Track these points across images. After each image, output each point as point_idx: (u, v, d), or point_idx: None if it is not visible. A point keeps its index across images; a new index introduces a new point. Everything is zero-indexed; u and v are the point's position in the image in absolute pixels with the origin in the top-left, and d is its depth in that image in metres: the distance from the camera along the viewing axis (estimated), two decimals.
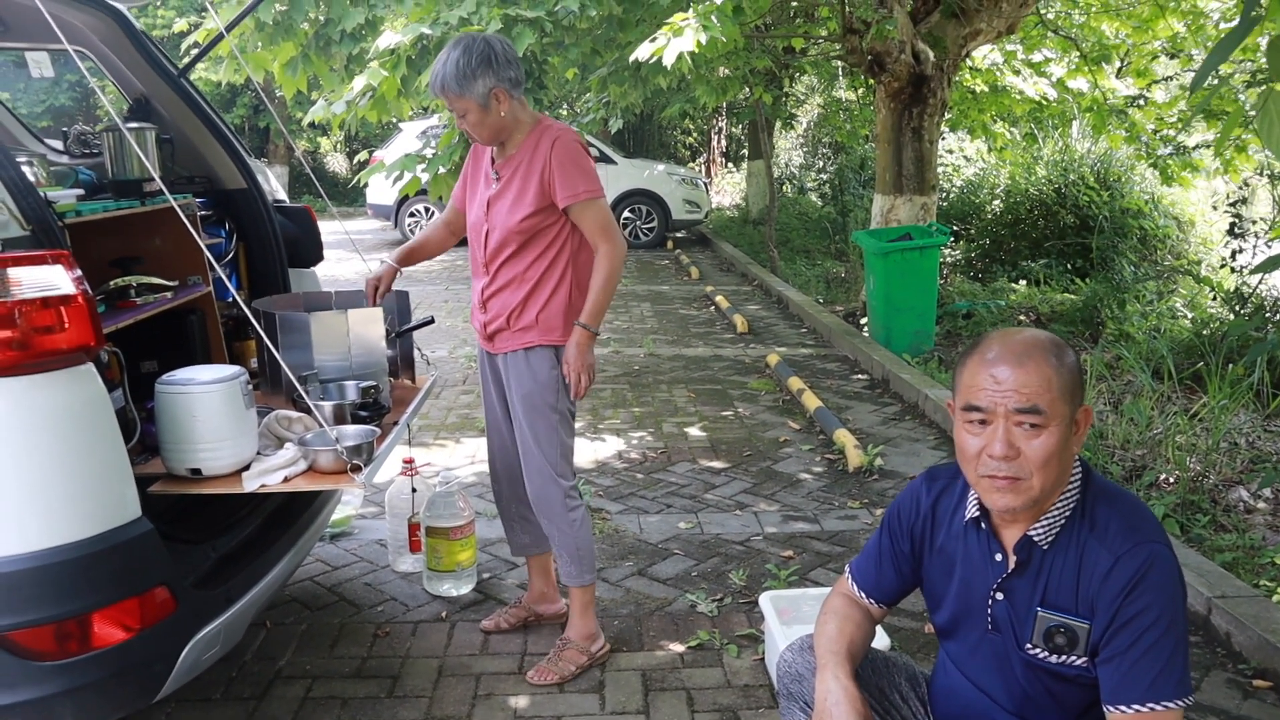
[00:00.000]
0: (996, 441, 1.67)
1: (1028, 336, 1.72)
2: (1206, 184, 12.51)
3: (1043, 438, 1.66)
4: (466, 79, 2.76)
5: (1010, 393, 1.66)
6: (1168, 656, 1.62)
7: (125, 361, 2.56)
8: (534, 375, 2.96)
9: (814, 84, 17.96)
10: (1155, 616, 1.63)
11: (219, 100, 19.99)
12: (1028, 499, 1.69)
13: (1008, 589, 1.78)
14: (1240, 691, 2.98)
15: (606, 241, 2.90)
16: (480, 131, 2.86)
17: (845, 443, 5.12)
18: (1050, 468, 1.67)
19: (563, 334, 2.95)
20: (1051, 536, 1.74)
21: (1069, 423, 1.68)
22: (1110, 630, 1.66)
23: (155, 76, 3.21)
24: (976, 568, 1.83)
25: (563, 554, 3.09)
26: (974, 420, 1.71)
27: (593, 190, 2.87)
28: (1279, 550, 3.79)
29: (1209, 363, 5.50)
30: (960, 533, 1.87)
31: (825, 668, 1.85)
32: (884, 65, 7.69)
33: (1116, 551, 1.67)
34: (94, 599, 2.07)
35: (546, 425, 2.98)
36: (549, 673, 3.02)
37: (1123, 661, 1.64)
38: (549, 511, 3.06)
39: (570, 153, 2.85)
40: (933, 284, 7.49)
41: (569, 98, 14.17)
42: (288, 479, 2.41)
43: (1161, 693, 1.62)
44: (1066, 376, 1.68)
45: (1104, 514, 1.72)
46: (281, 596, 3.55)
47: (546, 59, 6.13)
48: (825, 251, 13.36)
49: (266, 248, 3.42)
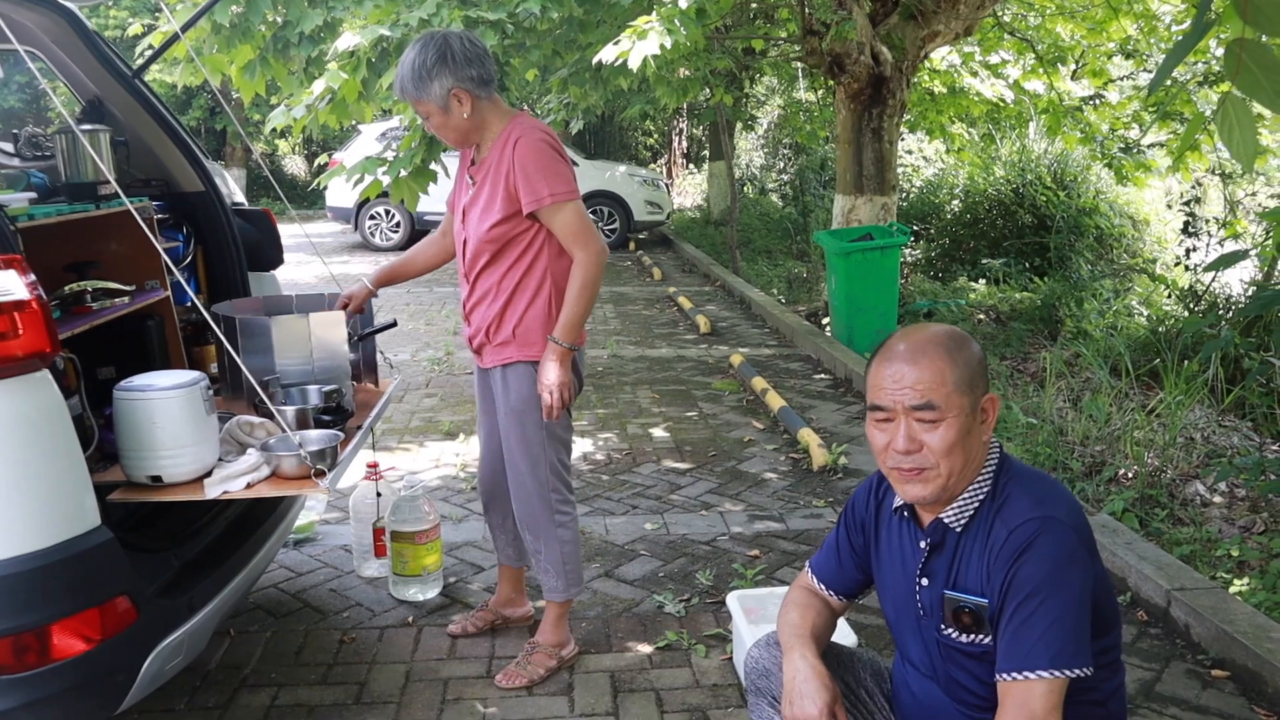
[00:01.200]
0: (899, 437, 1.75)
1: (926, 334, 1.78)
2: (1161, 183, 12.72)
3: (941, 430, 1.72)
4: (423, 81, 2.66)
5: (906, 390, 1.73)
6: (1045, 626, 1.65)
7: (82, 368, 2.52)
8: (515, 392, 2.88)
9: (775, 85, 18.04)
10: (1034, 586, 1.67)
11: (174, 102, 19.73)
12: (937, 487, 1.75)
13: (930, 574, 1.84)
14: (1199, 681, 3.03)
15: (581, 248, 2.76)
16: (445, 135, 2.77)
17: (809, 442, 5.14)
18: (954, 455, 1.73)
19: (542, 348, 2.84)
20: (964, 519, 1.79)
21: (970, 413, 1.74)
22: (1002, 601, 1.71)
23: (109, 78, 3.16)
24: (905, 556, 1.90)
25: (548, 569, 3.04)
26: (879, 419, 1.78)
27: (558, 193, 2.71)
28: (1235, 543, 3.85)
29: (1165, 359, 5.58)
30: (893, 522, 1.94)
31: (791, 649, 1.89)
32: (843, 66, 7.74)
33: (1012, 525, 1.72)
34: (53, 610, 2.03)
35: (529, 442, 2.91)
36: (518, 676, 3.00)
37: (1005, 631, 1.69)
38: (534, 527, 3.01)
39: (533, 152, 2.70)
40: (894, 283, 7.55)
41: (530, 99, 14.13)
42: (250, 485, 2.38)
43: (1035, 661, 1.64)
44: (963, 369, 1.73)
45: (1014, 495, 1.77)
46: (246, 604, 3.50)
47: (508, 60, 6.10)
48: (787, 252, 13.42)
49: (225, 251, 3.37)
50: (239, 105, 17.13)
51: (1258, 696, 2.93)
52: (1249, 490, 4.36)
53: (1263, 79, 1.66)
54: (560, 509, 3.01)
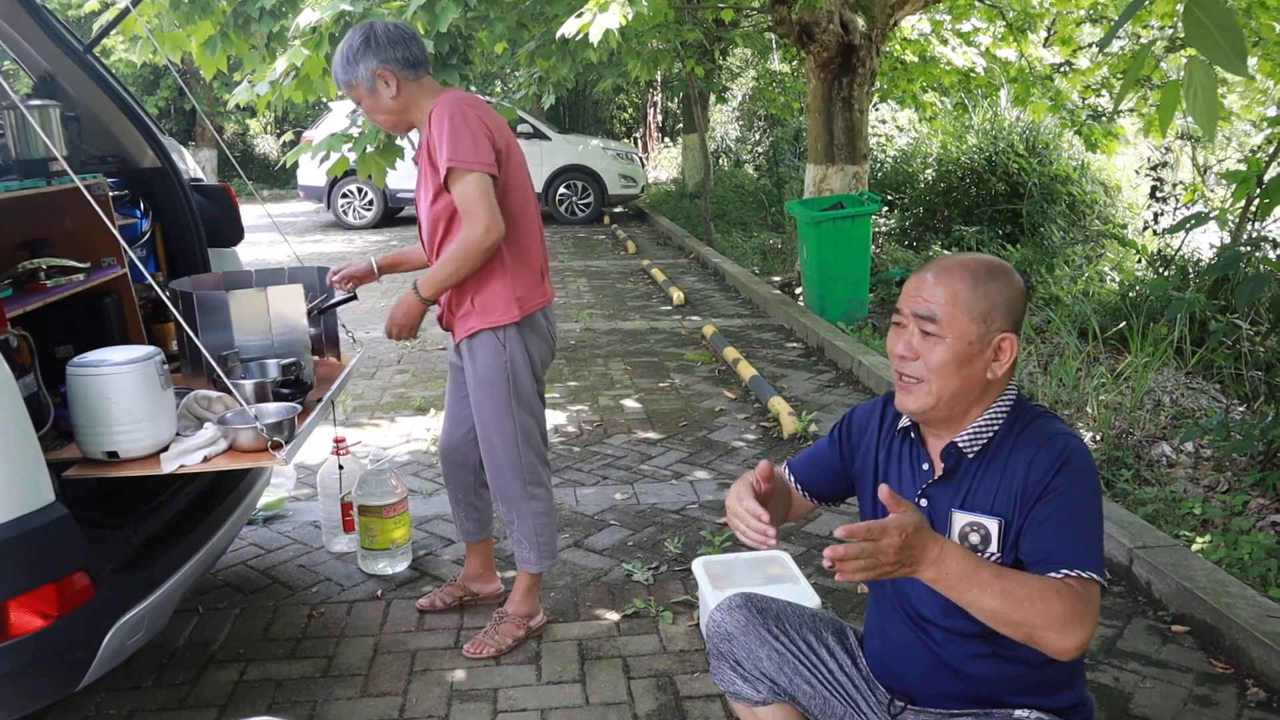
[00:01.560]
0: (899, 342, 1.80)
1: (966, 257, 1.81)
2: (1134, 150, 12.77)
3: (940, 347, 1.75)
4: (350, 64, 2.72)
5: (919, 298, 1.77)
6: (1089, 535, 1.69)
7: (39, 347, 2.50)
8: (481, 361, 2.90)
9: (748, 57, 17.99)
10: (1078, 495, 1.70)
11: (142, 83, 19.50)
12: (925, 404, 1.78)
13: (930, 495, 1.86)
14: (1160, 637, 3.07)
15: (468, 223, 2.69)
16: (377, 117, 2.81)
17: (780, 410, 5.17)
18: (945, 376, 1.75)
19: (504, 312, 2.85)
20: (978, 445, 1.81)
21: (975, 341, 1.75)
22: (1035, 507, 1.72)
23: (60, 53, 3.11)
24: (904, 476, 1.92)
25: (521, 540, 3.06)
26: (895, 321, 1.83)
27: (458, 160, 2.64)
28: (1198, 501, 3.90)
29: (1132, 323, 5.63)
30: (895, 443, 1.95)
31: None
32: (813, 35, 7.72)
33: (1038, 443, 1.75)
34: (8, 586, 2.03)
35: (500, 413, 2.93)
36: (485, 646, 3.01)
37: (1046, 530, 1.70)
38: (507, 498, 3.02)
39: (442, 120, 2.68)
40: (865, 252, 7.56)
41: (501, 73, 14.04)
42: (208, 459, 2.37)
43: (1090, 563, 1.66)
44: (982, 298, 1.75)
45: (1031, 427, 1.80)
46: (214, 581, 3.50)
47: (472, 34, 6.06)
48: (761, 223, 13.43)
49: (184, 227, 3.34)
50: (208, 85, 16.95)
51: (1215, 650, 2.97)
52: (1214, 450, 4.41)
53: (1220, 39, 1.66)
54: (532, 480, 3.02)
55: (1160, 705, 2.73)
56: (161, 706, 2.77)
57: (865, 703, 2.00)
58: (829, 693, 2.00)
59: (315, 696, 2.82)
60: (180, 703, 2.79)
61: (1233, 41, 1.64)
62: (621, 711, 2.74)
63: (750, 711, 2.05)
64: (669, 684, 2.86)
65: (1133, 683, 2.83)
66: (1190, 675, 2.87)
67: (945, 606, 1.85)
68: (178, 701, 2.79)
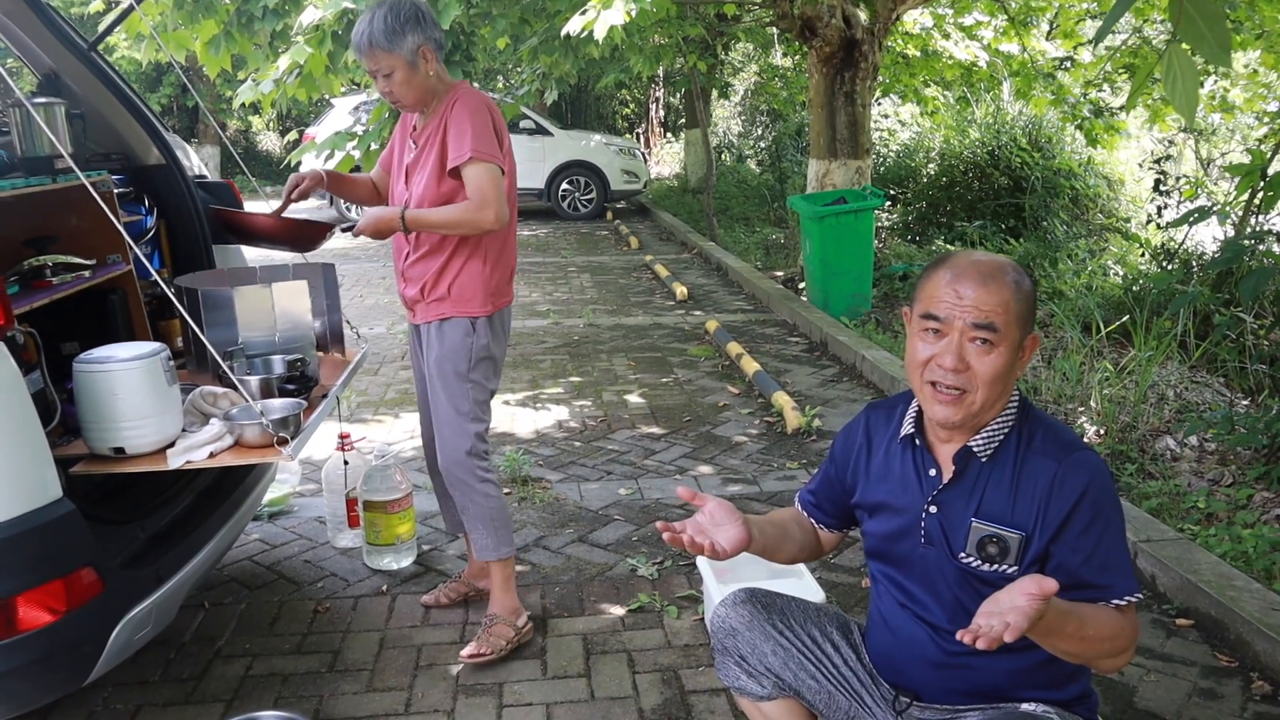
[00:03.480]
0: (948, 354, 1.74)
1: (994, 259, 1.78)
2: (1137, 144, 12.74)
3: (993, 356, 1.72)
4: (396, 34, 2.70)
5: (970, 308, 1.72)
6: (1127, 558, 1.73)
7: (45, 343, 2.51)
8: (445, 342, 2.93)
9: (750, 52, 17.97)
10: (1112, 521, 1.73)
11: (144, 80, 19.49)
12: (968, 413, 1.76)
13: (941, 501, 1.84)
14: (1164, 630, 3.08)
15: (479, 208, 2.75)
16: (406, 92, 2.80)
17: (783, 405, 5.17)
18: (995, 386, 1.74)
19: (480, 305, 2.92)
20: (991, 449, 1.80)
21: (1017, 347, 1.75)
22: (1064, 532, 1.72)
23: (64, 51, 3.12)
24: (910, 484, 1.89)
25: (477, 526, 3.04)
26: (929, 329, 1.77)
27: (481, 151, 2.75)
28: (1202, 494, 3.90)
29: (1136, 317, 5.62)
30: (896, 452, 1.93)
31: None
32: (815, 30, 7.71)
33: (1059, 458, 1.75)
34: (16, 582, 2.04)
35: (455, 393, 2.95)
36: (481, 650, 2.95)
37: (1092, 564, 1.71)
38: (459, 483, 3.01)
39: (466, 111, 2.78)
40: (868, 247, 7.55)
41: (504, 70, 14.03)
42: (213, 455, 2.38)
43: (1134, 587, 1.72)
44: (1023, 302, 1.75)
45: (1041, 432, 1.80)
46: (220, 576, 3.51)
47: (475, 30, 6.06)
48: (764, 218, 13.41)
49: (189, 224, 3.35)
50: (210, 82, 16.93)
51: (1220, 643, 2.98)
52: (1218, 444, 4.41)
53: (1205, 30, 1.66)
54: (481, 464, 3.02)
55: (1165, 698, 2.74)
56: (168, 701, 2.78)
57: (870, 697, 2.00)
58: (834, 687, 2.00)
59: (321, 691, 2.83)
60: (187, 697, 2.80)
61: (1217, 33, 1.64)
62: (626, 706, 2.74)
63: (755, 707, 2.05)
64: (674, 678, 2.87)
65: (1137, 676, 2.84)
66: (1195, 669, 2.87)
67: (952, 616, 1.85)
68: (184, 696, 2.80)
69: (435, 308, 2.93)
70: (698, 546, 1.75)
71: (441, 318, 2.93)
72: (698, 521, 1.80)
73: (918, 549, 1.88)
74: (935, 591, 1.88)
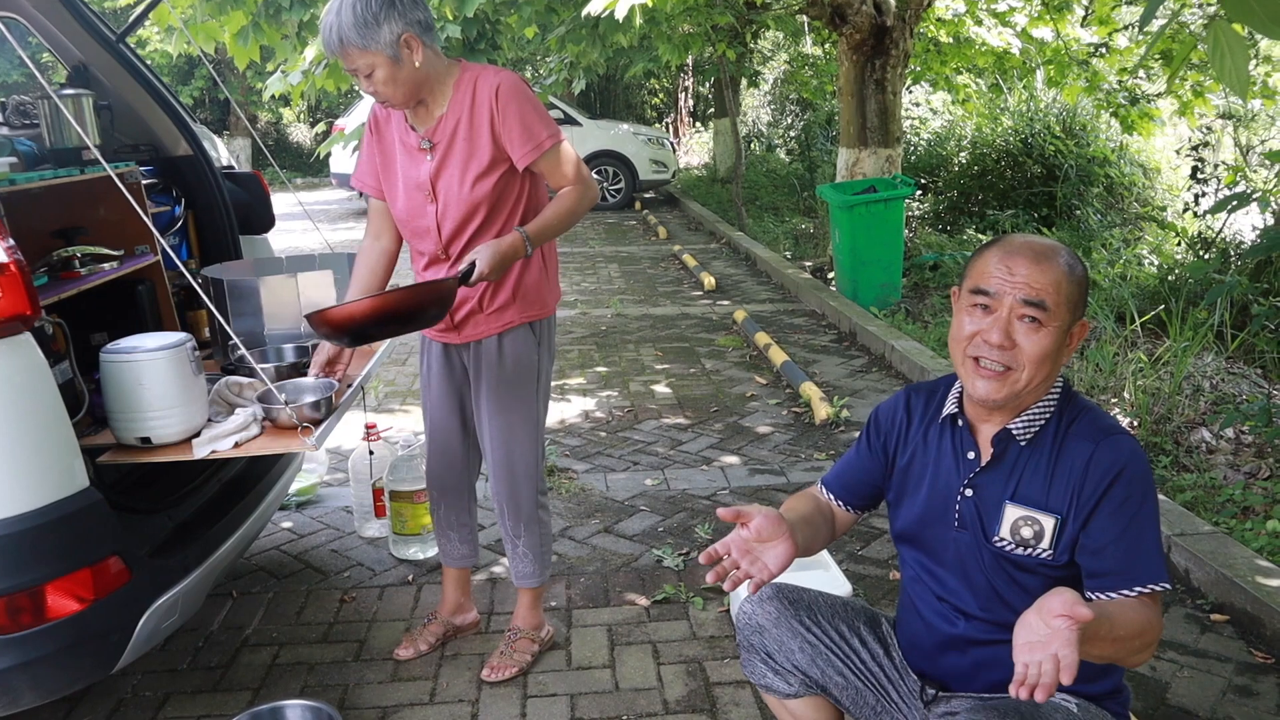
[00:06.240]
0: (995, 329, 1.72)
1: (1048, 241, 1.77)
2: (1174, 130, 12.55)
3: (1040, 335, 1.71)
4: (369, 26, 2.30)
5: (1022, 285, 1.71)
6: (1157, 545, 1.69)
7: (74, 334, 2.52)
8: (512, 359, 2.66)
9: (780, 40, 17.86)
10: (1144, 505, 1.69)
11: (176, 73, 19.65)
12: (1011, 392, 1.74)
13: (976, 484, 1.82)
14: (1199, 625, 3.03)
15: (582, 183, 2.55)
16: (393, 91, 2.41)
17: (811, 395, 5.13)
18: (1041, 366, 1.72)
19: (545, 304, 2.68)
20: (1031, 433, 1.78)
21: (1065, 330, 1.73)
22: (1095, 513, 1.70)
23: (92, 43, 3.13)
24: (947, 466, 1.87)
25: (526, 556, 2.85)
26: (978, 304, 1.75)
27: (555, 134, 2.50)
28: (1238, 487, 3.83)
29: (1170, 307, 5.54)
30: (935, 432, 1.91)
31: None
32: (845, 17, 7.65)
33: (1095, 439, 1.73)
34: (45, 570, 2.05)
35: (524, 416, 2.71)
36: (507, 668, 2.85)
37: (1119, 548, 1.68)
38: (519, 511, 2.80)
39: (521, 97, 2.47)
40: (898, 236, 7.49)
41: (531, 59, 14.02)
42: (239, 444, 2.38)
43: (1161, 575, 1.68)
44: (1075, 286, 1.73)
45: (1082, 418, 1.78)
46: (248, 565, 3.53)
47: (501, 19, 6.04)
48: (793, 208, 13.35)
49: (216, 215, 3.37)
50: (242, 75, 17.05)
51: (1256, 640, 2.93)
52: (1255, 436, 4.34)
53: (1254, 3, 1.61)
54: (542, 490, 2.86)
55: (1198, 695, 2.69)
56: (196, 689, 2.80)
57: (898, 692, 1.98)
58: (862, 683, 1.98)
59: (347, 680, 2.84)
60: (215, 685, 2.82)
61: (1267, 5, 1.59)
62: (651, 697, 2.73)
63: (782, 704, 2.03)
64: (699, 670, 2.86)
65: (1170, 672, 2.79)
66: (1229, 665, 2.82)
67: (985, 603, 1.83)
68: (212, 684, 2.82)
69: (497, 318, 2.62)
70: (743, 579, 1.68)
71: (506, 327, 2.63)
72: (742, 539, 1.71)
73: (950, 532, 1.86)
74: (967, 577, 1.86)
